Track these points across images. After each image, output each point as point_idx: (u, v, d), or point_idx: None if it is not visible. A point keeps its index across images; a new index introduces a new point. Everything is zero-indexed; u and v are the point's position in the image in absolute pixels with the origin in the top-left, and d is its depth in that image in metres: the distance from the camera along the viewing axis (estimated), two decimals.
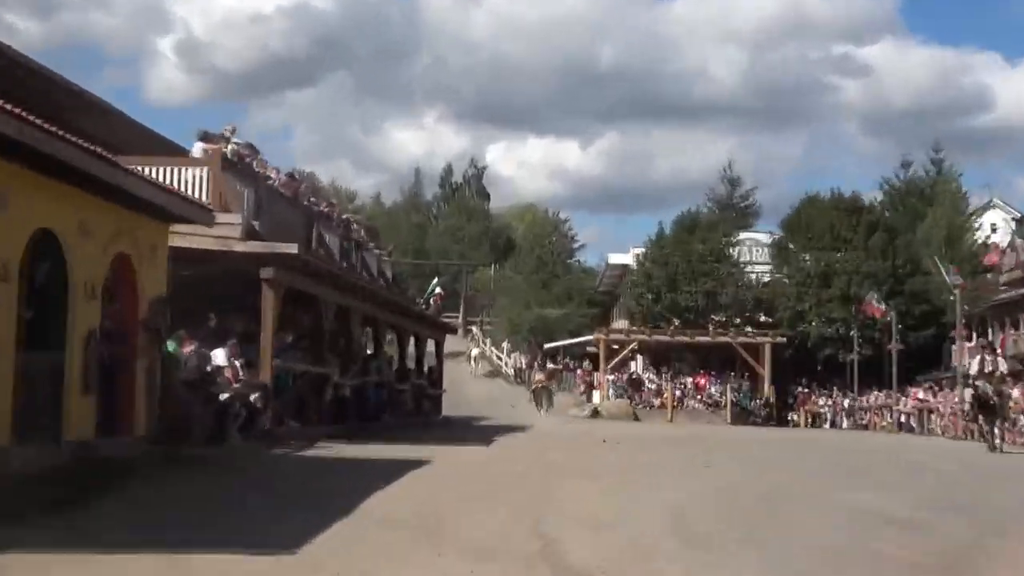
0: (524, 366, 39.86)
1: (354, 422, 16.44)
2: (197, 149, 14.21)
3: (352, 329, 17.13)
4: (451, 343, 33.64)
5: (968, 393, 18.29)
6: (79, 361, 8.74)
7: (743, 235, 41.23)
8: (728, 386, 31.50)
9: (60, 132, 7.77)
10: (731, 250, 38.12)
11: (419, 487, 8.45)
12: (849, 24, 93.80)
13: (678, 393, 31.69)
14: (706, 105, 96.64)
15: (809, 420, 32.24)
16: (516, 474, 9.77)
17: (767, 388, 31.94)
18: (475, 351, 43.23)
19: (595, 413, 30.21)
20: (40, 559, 5.22)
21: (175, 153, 14.71)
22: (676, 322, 35.79)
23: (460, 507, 7.32)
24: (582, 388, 35.29)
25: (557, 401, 31.97)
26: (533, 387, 30.49)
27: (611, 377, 32.39)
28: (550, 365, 40.63)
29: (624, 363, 34.69)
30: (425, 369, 24.23)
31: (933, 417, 25.04)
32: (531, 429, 20.44)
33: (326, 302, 15.27)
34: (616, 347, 33.67)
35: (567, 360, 41.59)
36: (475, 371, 42.26)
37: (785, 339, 32.64)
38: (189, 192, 12.48)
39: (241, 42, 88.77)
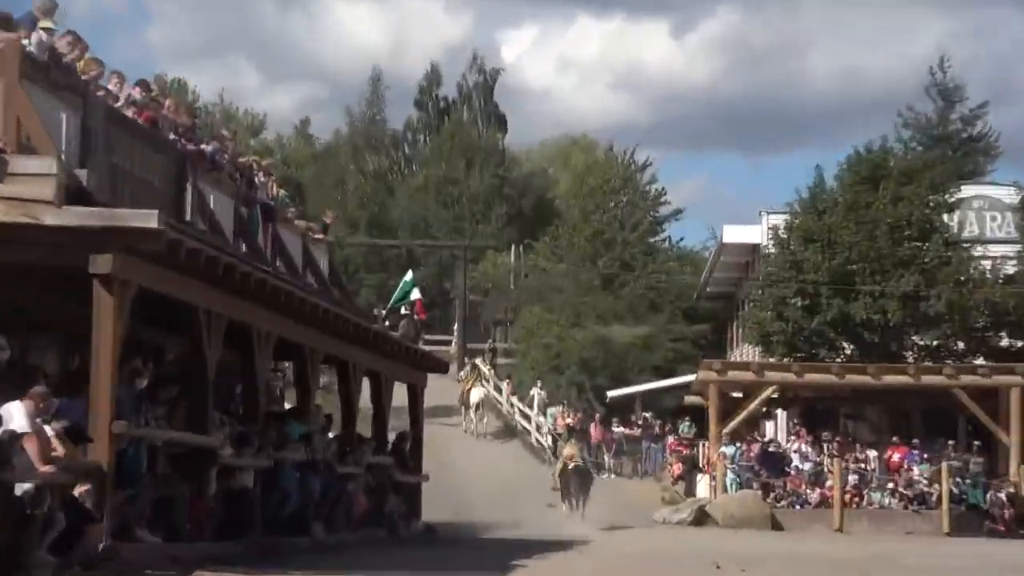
0: (574, 427, 39.77)
1: (259, 535, 16.44)
2: None
3: (256, 365, 17.09)
4: (439, 389, 33.36)
5: None
6: None
7: (968, 190, 40.97)
8: (945, 465, 31.21)
9: None
10: (947, 217, 37.87)
11: None
12: None
13: (853, 479, 31.43)
14: None
15: None
16: None
17: (1016, 468, 31.66)
18: (476, 394, 43.59)
19: (701, 515, 30.22)
20: None
21: None
22: (848, 349, 35.35)
23: None
24: (676, 470, 35.08)
25: (630, 493, 31.69)
26: (559, 469, 30.57)
27: (729, 450, 32.29)
28: (619, 429, 40.51)
29: (753, 424, 34.46)
30: (391, 438, 24.21)
31: None
32: (584, 547, 20.39)
33: (210, 317, 15.25)
34: (738, 396, 33.58)
35: (647, 417, 41.43)
36: (475, 429, 42.54)
37: None
38: None
39: None
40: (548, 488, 31.41)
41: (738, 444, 32.63)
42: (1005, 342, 36.64)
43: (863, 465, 32.19)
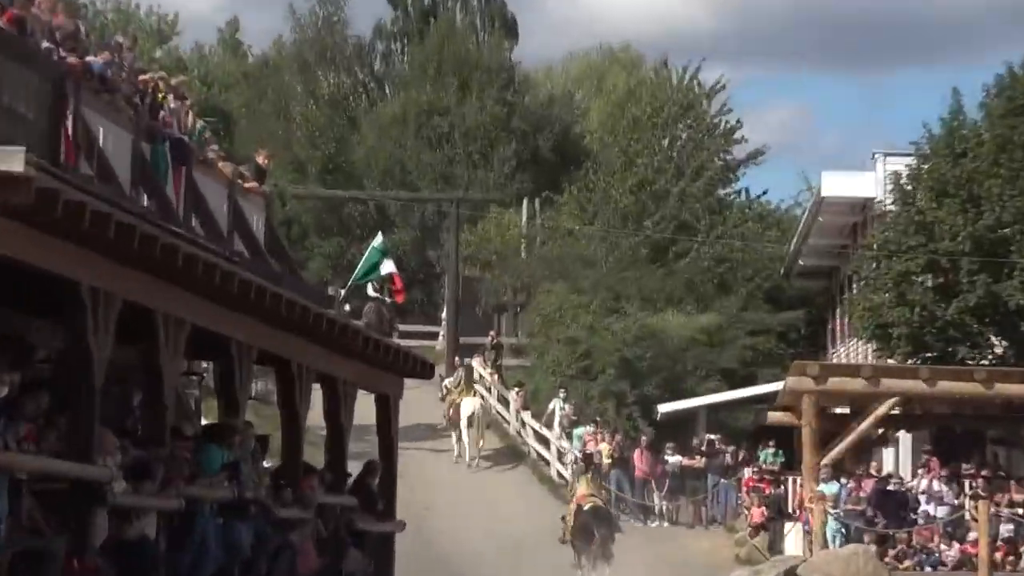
0: (605, 456, 40.27)
1: None
2: None
3: (162, 365, 17.15)
4: (422, 400, 33.19)
5: None
6: None
7: None
8: None
9: None
10: None
11: None
12: None
13: (1006, 530, 31.59)
14: None
15: None
16: None
17: None
18: (468, 405, 44.20)
19: None
20: None
21: None
22: (999, 347, 35.26)
23: None
24: (756, 516, 35.67)
25: (691, 547, 31.61)
26: (573, 512, 31.26)
27: (831, 488, 32.41)
28: (674, 458, 40.46)
29: (865, 453, 34.52)
30: (352, 472, 24.34)
31: None
32: None
33: (97, 298, 15.30)
34: (843, 412, 33.75)
35: (713, 441, 41.63)
36: (470, 455, 43.35)
37: None
38: None
39: None
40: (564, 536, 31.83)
41: (843, 480, 32.78)
42: None
43: (1020, 511, 32.05)
